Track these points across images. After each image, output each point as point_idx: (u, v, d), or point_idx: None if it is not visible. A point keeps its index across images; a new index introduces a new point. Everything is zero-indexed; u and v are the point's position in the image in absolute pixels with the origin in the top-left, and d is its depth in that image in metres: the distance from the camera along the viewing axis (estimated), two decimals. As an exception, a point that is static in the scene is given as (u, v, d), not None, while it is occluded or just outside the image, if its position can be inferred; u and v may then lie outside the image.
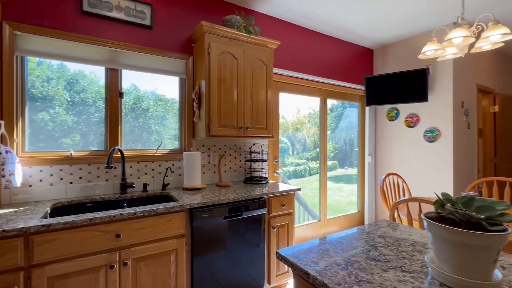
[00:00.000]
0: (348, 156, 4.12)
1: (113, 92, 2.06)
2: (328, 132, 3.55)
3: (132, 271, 1.50)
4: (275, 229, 2.11)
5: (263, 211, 2.01)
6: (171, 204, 1.64)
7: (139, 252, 1.52)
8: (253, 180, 2.46)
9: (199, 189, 2.15)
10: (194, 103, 2.22)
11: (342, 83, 3.49)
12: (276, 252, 0.97)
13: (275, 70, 2.80)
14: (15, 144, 1.71)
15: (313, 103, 3.49)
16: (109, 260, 1.43)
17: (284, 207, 2.16)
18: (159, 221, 1.59)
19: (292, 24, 2.99)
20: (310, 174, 3.97)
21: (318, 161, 3.48)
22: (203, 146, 2.42)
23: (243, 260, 1.92)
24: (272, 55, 2.44)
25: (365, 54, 3.74)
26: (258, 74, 2.35)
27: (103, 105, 2.05)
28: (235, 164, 2.61)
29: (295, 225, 3.13)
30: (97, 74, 2.05)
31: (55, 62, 1.91)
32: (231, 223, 1.87)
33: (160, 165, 2.21)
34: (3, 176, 1.49)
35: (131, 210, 1.51)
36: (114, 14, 1.99)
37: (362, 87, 3.68)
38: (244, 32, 2.23)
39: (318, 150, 3.49)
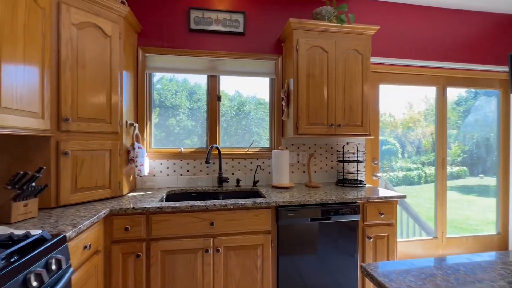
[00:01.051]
0: (482, 160, 3.18)
1: (213, 96, 2.32)
2: (453, 131, 2.83)
3: (223, 258, 1.64)
4: (371, 240, 1.84)
5: (356, 217, 1.79)
6: (258, 200, 1.69)
7: (229, 242, 1.64)
8: (346, 182, 2.25)
9: (287, 188, 2.14)
10: (283, 102, 2.23)
11: (469, 66, 2.72)
12: (361, 266, 0.82)
13: (374, 59, 2.47)
14: (144, 142, 2.19)
15: (431, 96, 2.87)
16: (205, 245, 1.61)
17: (383, 216, 1.86)
18: (247, 215, 1.67)
19: (394, 4, 2.56)
20: (426, 182, 3.29)
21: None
22: (292, 145, 2.40)
23: (333, 267, 1.77)
24: (369, 42, 2.16)
25: (509, 23, 2.78)
26: (351, 65, 2.13)
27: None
28: (326, 165, 2.46)
29: (401, 239, 2.68)
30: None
31: (180, 78, 2.34)
32: (318, 226, 1.76)
33: (251, 163, 2.33)
34: (136, 166, 1.92)
35: (223, 202, 1.65)
36: (213, 27, 2.25)
37: (505, 68, 2.75)
38: (335, 22, 2.07)
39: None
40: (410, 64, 2.60)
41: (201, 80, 2.37)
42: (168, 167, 2.20)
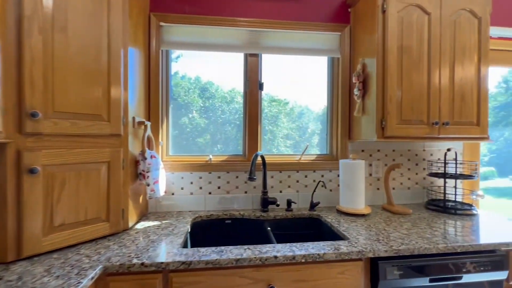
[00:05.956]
0: None
1: (253, 83, 1.67)
2: None
3: None
4: (520, 310, 1.14)
5: (500, 275, 1.10)
6: (344, 248, 1.03)
7: (298, 318, 0.99)
8: (446, 207, 1.54)
9: (363, 215, 1.47)
10: (355, 90, 1.54)
11: None
12: None
13: (495, 30, 1.73)
14: (160, 148, 1.56)
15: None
16: (259, 323, 0.97)
17: (535, 269, 1.15)
18: (326, 273, 1.01)
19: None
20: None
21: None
22: (362, 151, 1.72)
23: None
24: (489, 1, 1.44)
25: None
26: (463, 34, 1.42)
27: (240, 102, 1.70)
28: (409, 179, 1.76)
29: None
30: (221, 83, 1.72)
31: (192, 75, 1.70)
32: (439, 289, 1.08)
33: (306, 176, 1.67)
34: (148, 185, 1.30)
35: (288, 251, 1.00)
36: (255, -15, 1.59)
37: None
38: (442, -31, 1.37)
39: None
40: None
41: (213, 77, 1.71)
42: (192, 182, 1.57)
